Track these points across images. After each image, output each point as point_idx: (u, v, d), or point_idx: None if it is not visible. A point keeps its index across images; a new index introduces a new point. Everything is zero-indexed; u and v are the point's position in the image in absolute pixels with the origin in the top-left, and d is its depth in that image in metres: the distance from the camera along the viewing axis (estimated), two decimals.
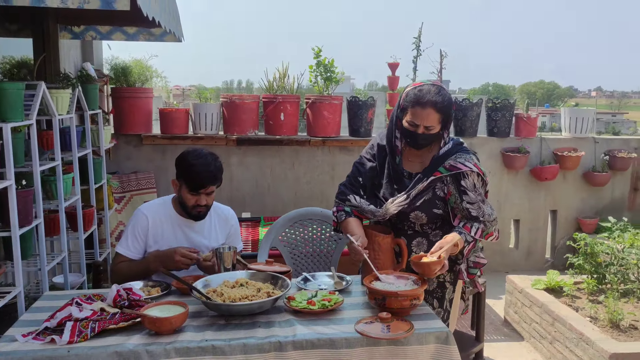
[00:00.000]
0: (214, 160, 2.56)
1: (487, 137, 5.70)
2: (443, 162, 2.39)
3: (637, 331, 3.46)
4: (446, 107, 2.33)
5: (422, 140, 2.40)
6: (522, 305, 4.19)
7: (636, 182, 5.85)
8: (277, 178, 5.33)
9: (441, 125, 2.37)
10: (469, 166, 2.37)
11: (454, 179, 2.39)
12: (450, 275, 2.52)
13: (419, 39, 5.34)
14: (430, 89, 2.34)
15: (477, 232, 2.37)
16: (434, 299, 2.52)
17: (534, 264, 5.73)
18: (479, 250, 2.57)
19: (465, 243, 2.34)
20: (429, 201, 2.41)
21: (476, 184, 2.40)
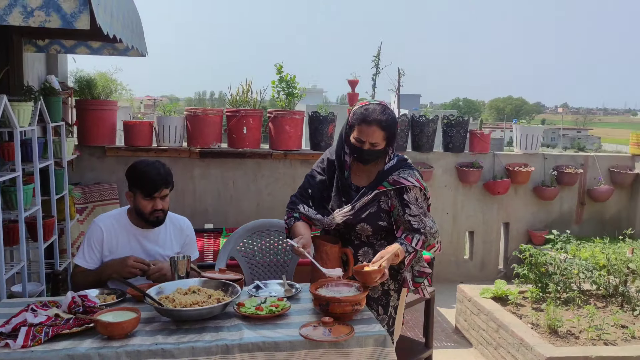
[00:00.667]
0: (162, 166, 2.75)
1: (443, 152, 5.94)
2: (387, 177, 2.56)
3: (574, 336, 3.68)
4: (390, 125, 2.51)
5: (368, 156, 2.57)
6: (471, 314, 4.39)
7: (583, 196, 6.15)
8: (239, 190, 5.46)
9: (386, 142, 2.54)
10: (411, 181, 2.55)
11: (397, 192, 2.56)
12: (394, 284, 2.67)
13: (378, 58, 5.55)
14: (375, 108, 2.51)
15: (418, 243, 2.53)
16: (379, 306, 2.67)
17: (487, 275, 5.96)
18: (422, 260, 2.73)
19: (406, 253, 2.50)
20: (374, 213, 2.58)
21: (418, 198, 2.58)
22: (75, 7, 2.37)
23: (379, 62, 5.55)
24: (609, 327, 3.80)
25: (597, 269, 4.41)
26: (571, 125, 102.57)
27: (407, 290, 2.76)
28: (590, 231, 6.10)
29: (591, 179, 6.15)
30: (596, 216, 6.21)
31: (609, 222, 6.20)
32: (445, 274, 5.99)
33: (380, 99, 2.70)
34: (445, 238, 6.01)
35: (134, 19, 3.69)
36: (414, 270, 2.69)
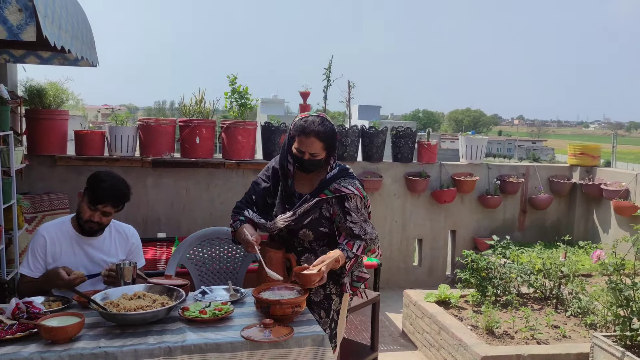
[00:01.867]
0: (124, 186, 2.78)
1: (392, 163, 6.14)
2: (329, 185, 2.70)
3: (509, 336, 3.89)
4: (328, 136, 2.65)
5: (309, 165, 2.71)
6: (416, 317, 4.57)
7: (525, 204, 6.45)
8: (192, 199, 5.51)
9: (326, 152, 2.69)
10: (351, 189, 2.69)
11: (338, 200, 2.70)
12: (336, 288, 2.80)
13: (329, 70, 5.72)
14: (314, 120, 2.66)
15: (358, 249, 2.67)
16: (322, 309, 2.79)
17: (435, 280, 6.16)
18: (362, 266, 2.87)
19: (347, 259, 2.64)
20: (315, 220, 2.71)
21: (359, 205, 2.72)
22: (21, 19, 2.43)
23: (330, 74, 5.72)
24: (542, 328, 4.02)
25: (534, 273, 4.65)
26: (527, 136, 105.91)
27: (348, 295, 2.89)
28: (532, 237, 6.40)
29: (532, 187, 6.46)
30: (537, 223, 6.51)
31: (549, 228, 6.51)
32: (395, 280, 6.17)
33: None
34: (395, 245, 6.20)
35: (84, 30, 3.73)
36: (353, 275, 2.82)
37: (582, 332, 4.01)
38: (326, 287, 2.78)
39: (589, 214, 6.42)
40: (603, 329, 3.99)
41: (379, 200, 6.09)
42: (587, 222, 6.44)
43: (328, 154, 2.71)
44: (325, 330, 2.72)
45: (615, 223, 6.02)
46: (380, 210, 6.11)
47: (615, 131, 35.91)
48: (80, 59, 3.72)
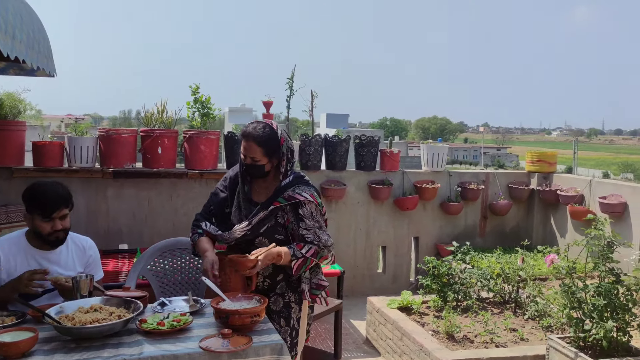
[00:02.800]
0: (59, 185, 2.78)
1: (356, 171, 6.21)
2: (283, 192, 2.73)
3: (469, 341, 3.97)
4: (266, 142, 2.70)
5: (251, 169, 2.76)
6: (379, 324, 4.62)
7: (485, 210, 6.60)
8: (154, 210, 5.46)
9: (267, 158, 2.72)
10: (305, 196, 2.73)
11: (293, 207, 2.73)
12: (295, 296, 2.83)
13: (292, 80, 5.77)
14: (256, 125, 2.73)
15: (308, 251, 2.69)
16: (281, 318, 2.81)
17: (399, 287, 6.23)
18: (320, 274, 2.89)
19: (292, 257, 2.65)
20: (271, 228, 2.74)
21: (313, 212, 2.75)
22: None
23: (293, 84, 5.77)
24: (501, 331, 4.12)
25: (494, 278, 4.76)
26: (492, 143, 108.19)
27: (308, 302, 2.91)
28: (493, 243, 6.53)
29: (492, 194, 6.61)
30: (498, 229, 6.66)
31: (509, 234, 6.66)
32: (359, 288, 6.22)
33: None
34: (360, 253, 6.26)
35: (41, 40, 3.68)
36: (312, 283, 2.84)
37: (539, 335, 4.12)
38: (285, 295, 2.80)
39: (547, 219, 6.60)
40: (559, 330, 4.11)
41: (343, 209, 6.15)
42: (545, 227, 6.62)
43: (270, 160, 2.74)
44: (286, 339, 2.74)
45: (571, 227, 6.21)
46: (344, 218, 6.16)
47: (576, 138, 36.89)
48: (36, 69, 3.66)
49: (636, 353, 3.44)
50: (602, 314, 3.41)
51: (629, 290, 3.46)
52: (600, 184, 5.98)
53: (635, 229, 5.38)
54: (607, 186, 5.87)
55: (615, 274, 3.50)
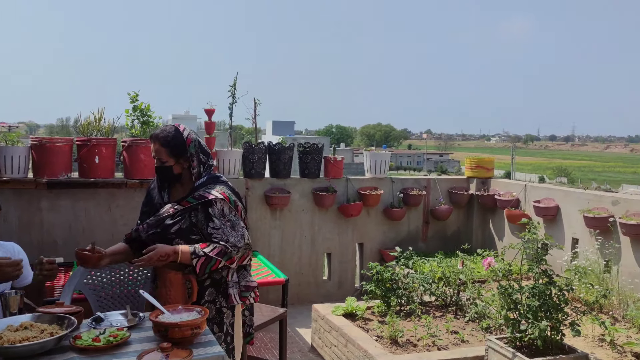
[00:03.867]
0: None
1: (300, 178, 6.22)
2: (195, 192, 2.74)
3: (412, 345, 4.03)
4: (171, 142, 2.71)
5: (162, 172, 2.78)
6: (324, 331, 4.62)
7: (427, 215, 6.74)
8: (92, 221, 5.28)
9: (174, 158, 2.73)
10: (215, 194, 2.70)
11: (204, 207, 2.70)
12: (226, 301, 2.80)
13: (234, 87, 5.72)
14: (165, 128, 2.76)
15: (213, 250, 2.63)
16: (214, 325, 2.78)
17: (345, 293, 6.27)
18: (248, 275, 2.88)
19: (193, 255, 2.60)
20: (186, 229, 2.71)
21: (225, 211, 2.72)
22: None
23: (236, 91, 5.73)
24: (443, 334, 4.20)
25: (435, 282, 4.86)
26: (435, 149, 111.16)
27: (242, 306, 2.88)
28: (435, 247, 6.67)
29: (434, 199, 6.76)
30: (439, 233, 6.82)
31: (450, 238, 6.83)
32: (305, 295, 6.22)
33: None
34: (305, 260, 6.26)
35: None
36: (240, 286, 2.83)
37: (479, 336, 4.23)
38: (216, 301, 2.78)
39: (486, 223, 6.80)
40: (497, 331, 4.24)
41: (288, 216, 6.14)
42: (484, 230, 6.83)
43: (178, 161, 2.74)
44: (221, 345, 2.71)
45: (508, 231, 6.43)
46: (289, 225, 6.15)
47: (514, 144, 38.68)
48: None
49: (569, 351, 3.59)
50: (537, 314, 3.54)
51: (561, 291, 3.62)
52: (535, 188, 6.22)
53: (567, 231, 5.62)
54: (541, 190, 6.12)
55: (549, 275, 3.65)
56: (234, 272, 2.82)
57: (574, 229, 5.52)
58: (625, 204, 5.03)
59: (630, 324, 4.21)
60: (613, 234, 5.00)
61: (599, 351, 3.90)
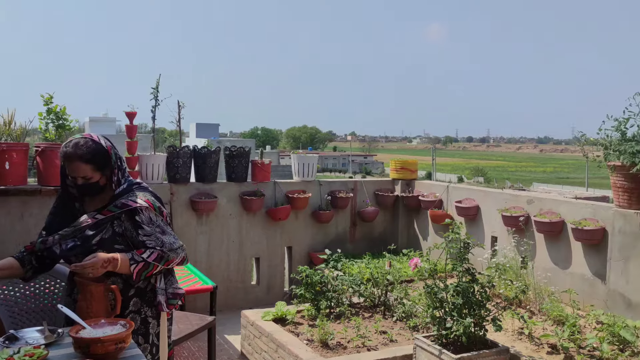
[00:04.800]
0: None
1: (227, 183, 6.12)
2: (116, 201, 2.59)
3: (342, 347, 4.06)
4: (93, 157, 2.53)
5: (87, 190, 2.59)
6: (254, 337, 4.57)
7: (354, 217, 6.83)
8: (3, 231, 4.94)
9: (99, 172, 2.57)
10: (139, 202, 2.59)
11: (129, 215, 2.58)
12: (151, 310, 2.69)
13: (157, 90, 5.54)
14: (77, 142, 2.53)
15: (150, 255, 2.53)
16: (139, 336, 2.66)
17: (274, 297, 6.22)
18: (175, 282, 2.79)
19: (131, 261, 2.49)
20: (108, 240, 2.57)
21: (152, 217, 2.62)
22: None
23: (158, 94, 5.55)
24: (372, 335, 4.26)
25: (364, 283, 4.92)
26: (359, 151, 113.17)
27: (167, 314, 2.79)
28: (363, 248, 6.76)
29: (360, 201, 6.86)
30: (367, 235, 6.92)
31: (377, 239, 6.95)
32: (234, 301, 6.12)
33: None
34: (233, 266, 6.16)
35: None
36: (168, 293, 2.74)
37: (407, 335, 4.33)
38: (141, 311, 2.66)
39: (411, 224, 6.98)
40: (424, 330, 4.35)
41: (215, 222, 6.02)
42: (410, 231, 7.00)
43: (104, 174, 2.59)
44: (147, 357, 2.60)
45: (432, 231, 6.62)
46: (216, 231, 6.04)
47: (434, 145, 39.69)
48: None
49: (491, 345, 3.74)
50: (461, 311, 3.66)
51: (483, 288, 3.76)
52: (456, 189, 6.45)
53: (486, 230, 5.87)
54: (462, 191, 6.35)
55: (471, 273, 3.78)
56: (162, 278, 2.72)
57: (493, 228, 5.77)
58: (539, 202, 5.31)
59: (545, 317, 4.45)
60: (528, 231, 5.27)
61: (519, 344, 4.09)
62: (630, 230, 4.33)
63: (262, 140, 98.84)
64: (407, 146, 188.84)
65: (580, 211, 4.88)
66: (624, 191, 4.37)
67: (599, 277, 4.66)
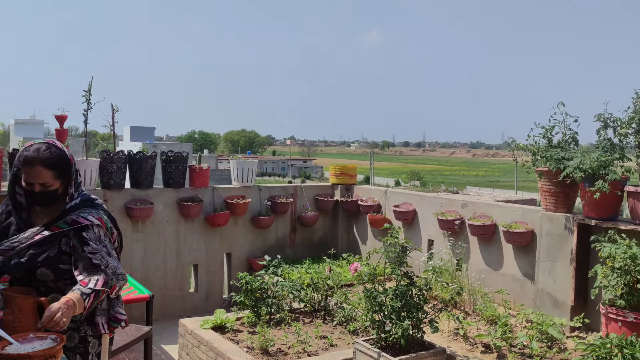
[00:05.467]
0: None
1: (164, 188, 5.98)
2: (66, 216, 2.45)
3: (283, 353, 4.04)
4: (57, 163, 2.40)
5: (43, 198, 2.42)
6: (193, 346, 4.47)
7: (294, 222, 6.83)
8: None
9: (60, 180, 2.44)
10: (91, 220, 2.45)
11: (77, 233, 2.43)
12: (92, 329, 2.56)
13: (89, 93, 5.35)
14: (39, 147, 2.39)
15: (97, 283, 2.38)
16: (77, 355, 2.53)
17: (213, 305, 6.12)
18: (118, 306, 2.63)
19: (84, 296, 2.33)
20: (54, 258, 2.41)
21: (102, 237, 2.48)
22: None
23: (91, 97, 5.35)
24: (312, 340, 4.27)
25: (304, 288, 4.93)
26: (298, 156, 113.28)
27: (109, 334, 2.67)
28: (303, 254, 6.77)
29: (300, 206, 6.87)
30: (307, 240, 6.94)
31: (317, 244, 6.98)
32: (171, 310, 5.98)
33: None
34: (170, 274, 6.02)
35: None
36: (110, 314, 2.61)
37: (347, 339, 4.36)
38: (81, 329, 2.52)
39: (350, 228, 7.06)
40: (364, 333, 4.40)
41: (151, 228, 5.87)
42: (349, 235, 7.08)
43: (64, 182, 2.46)
44: None
45: (371, 235, 6.72)
46: (152, 238, 5.88)
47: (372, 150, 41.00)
48: None
49: (429, 347, 3.83)
50: (400, 314, 3.73)
51: (420, 291, 3.85)
52: (394, 194, 6.58)
53: (423, 234, 6.01)
54: (399, 195, 6.48)
55: (409, 276, 3.86)
56: (105, 298, 2.55)
57: (429, 231, 5.92)
58: (473, 206, 5.50)
59: (479, 317, 4.61)
60: (463, 234, 5.44)
61: (454, 344, 4.21)
62: (557, 232, 4.55)
63: (200, 144, 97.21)
64: (345, 150, 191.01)
65: (511, 214, 5.08)
66: (550, 195, 4.59)
67: (528, 277, 4.87)
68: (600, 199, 4.00)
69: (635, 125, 4.08)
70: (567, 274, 4.42)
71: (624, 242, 3.67)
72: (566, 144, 4.54)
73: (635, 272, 3.57)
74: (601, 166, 4.04)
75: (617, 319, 3.60)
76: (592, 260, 4.25)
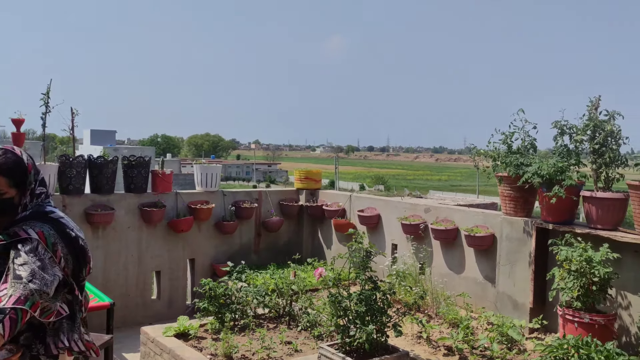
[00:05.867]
0: None
1: (125, 194, 5.87)
2: (9, 229, 2.31)
3: (247, 359, 4.02)
4: (11, 170, 2.29)
5: None
6: (155, 354, 4.40)
7: (259, 227, 6.80)
8: None
9: (16, 188, 2.33)
10: (30, 234, 2.28)
11: (15, 245, 2.27)
12: (45, 348, 2.43)
13: (48, 96, 5.21)
14: None
15: (8, 300, 2.12)
16: None
17: (176, 312, 6.01)
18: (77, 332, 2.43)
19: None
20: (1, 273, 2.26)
21: (39, 250, 2.28)
22: None
23: (49, 99, 5.22)
24: (277, 345, 4.25)
25: (269, 294, 4.91)
26: (263, 160, 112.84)
27: (68, 353, 2.52)
28: (267, 259, 6.74)
29: (265, 211, 6.85)
30: (271, 245, 6.91)
31: (282, 249, 6.96)
32: (133, 317, 5.86)
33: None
34: (131, 281, 5.91)
35: None
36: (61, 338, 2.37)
37: (312, 344, 4.36)
38: (32, 347, 2.36)
39: (315, 233, 7.06)
40: (328, 338, 4.40)
41: (112, 235, 5.75)
42: (314, 240, 7.08)
43: (19, 191, 2.32)
44: None
45: (336, 239, 6.74)
46: (113, 244, 5.76)
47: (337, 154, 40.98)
48: None
49: (392, 350, 3.86)
50: (364, 319, 3.75)
51: (384, 295, 3.88)
52: (359, 198, 6.62)
53: (387, 238, 6.07)
54: (364, 200, 6.53)
55: (374, 281, 3.89)
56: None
57: (393, 236, 5.98)
58: (436, 211, 5.58)
59: (442, 320, 4.67)
60: (426, 238, 5.52)
61: (418, 348, 4.26)
62: (516, 236, 4.66)
63: (163, 148, 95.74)
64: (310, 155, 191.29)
65: (473, 219, 5.18)
66: (510, 200, 4.70)
67: (489, 280, 4.97)
68: (557, 203, 4.11)
69: (590, 132, 4.21)
70: (526, 276, 4.53)
71: (580, 246, 3.79)
72: (525, 150, 4.65)
73: (591, 275, 3.69)
74: (558, 172, 4.16)
75: (573, 320, 3.71)
76: (550, 263, 4.37)
